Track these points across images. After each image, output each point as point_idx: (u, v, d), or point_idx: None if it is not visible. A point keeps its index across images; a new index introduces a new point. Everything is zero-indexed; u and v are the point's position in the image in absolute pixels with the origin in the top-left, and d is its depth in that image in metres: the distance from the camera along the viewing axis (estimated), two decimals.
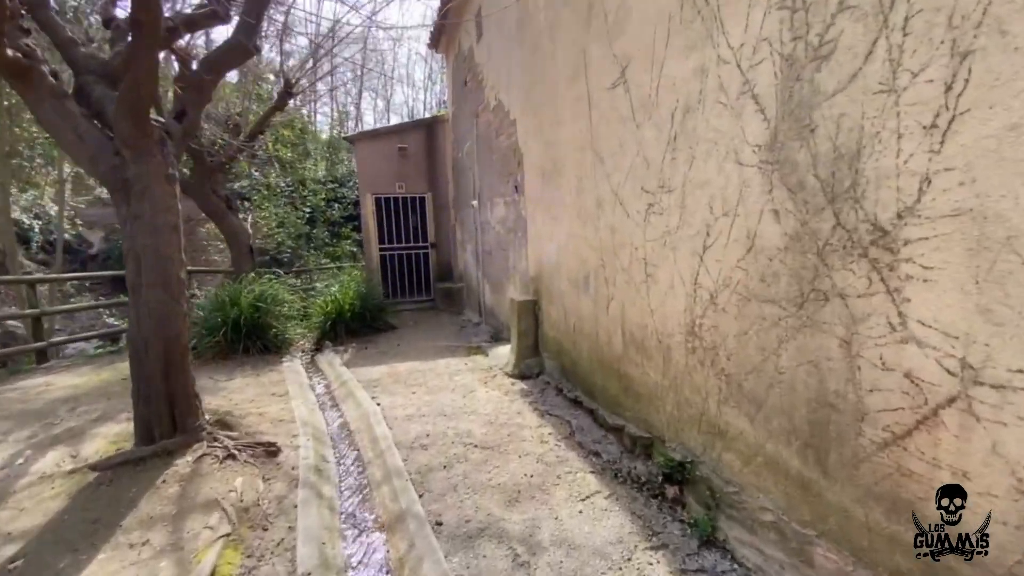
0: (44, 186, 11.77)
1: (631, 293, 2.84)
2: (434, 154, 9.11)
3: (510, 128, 5.05)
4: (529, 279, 4.74)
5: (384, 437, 3.39)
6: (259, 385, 4.80)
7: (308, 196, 12.74)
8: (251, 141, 6.90)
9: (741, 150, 1.95)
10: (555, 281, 4.05)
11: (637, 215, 2.73)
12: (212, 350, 5.68)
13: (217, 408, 4.03)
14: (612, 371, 3.14)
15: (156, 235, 3.18)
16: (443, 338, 6.52)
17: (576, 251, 3.58)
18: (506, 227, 5.52)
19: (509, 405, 3.87)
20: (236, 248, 6.70)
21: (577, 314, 3.64)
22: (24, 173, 9.71)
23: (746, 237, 1.95)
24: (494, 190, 5.93)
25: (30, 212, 14.46)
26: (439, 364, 5.21)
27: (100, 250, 16.59)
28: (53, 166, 10.46)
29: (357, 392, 4.38)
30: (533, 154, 4.38)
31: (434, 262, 9.36)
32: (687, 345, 2.36)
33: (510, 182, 5.18)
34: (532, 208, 4.51)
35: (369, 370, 5.16)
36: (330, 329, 6.62)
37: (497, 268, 6.10)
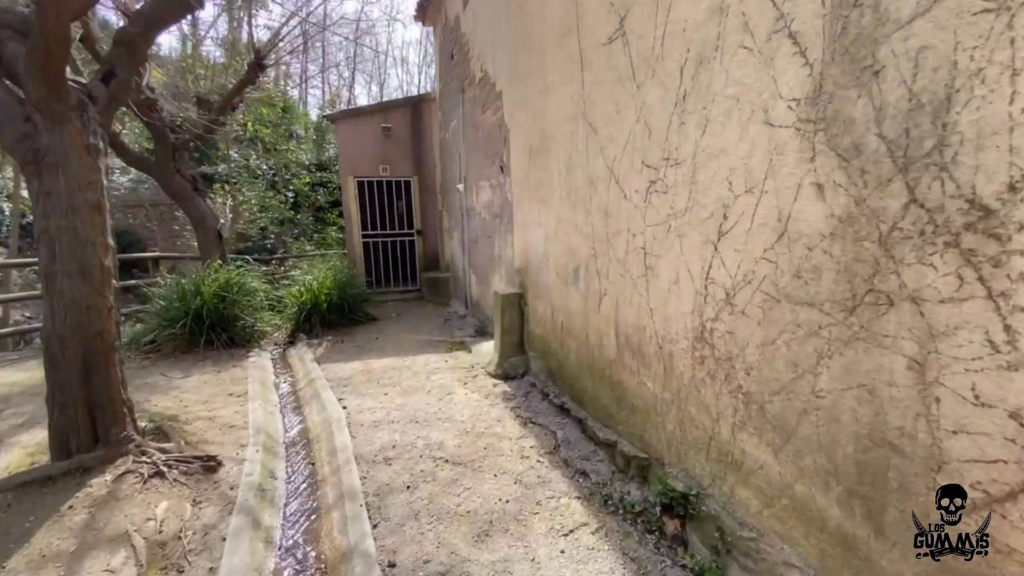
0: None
1: (627, 289, 2.42)
2: (421, 135, 8.59)
3: (496, 102, 4.57)
4: (515, 270, 4.31)
5: (344, 448, 2.98)
6: (218, 383, 4.37)
7: (291, 180, 12.18)
8: (219, 117, 6.37)
9: (772, 107, 1.51)
10: (542, 273, 3.62)
11: (636, 195, 2.29)
12: (172, 343, 5.24)
13: (162, 411, 3.60)
14: (604, 377, 2.72)
15: (74, 215, 2.71)
16: (425, 331, 6.09)
17: (565, 239, 3.14)
18: (492, 213, 5.06)
19: (489, 410, 3.46)
20: (203, 233, 6.21)
21: (565, 311, 3.21)
22: None
23: (776, 220, 1.52)
24: (480, 172, 5.46)
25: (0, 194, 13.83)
26: (417, 361, 4.78)
27: None
28: None
29: (323, 393, 3.96)
30: (520, 129, 3.92)
31: (420, 250, 8.89)
32: (694, 353, 1.94)
33: (496, 163, 4.71)
34: (519, 191, 4.06)
35: (341, 367, 4.73)
36: (305, 321, 6.17)
37: (483, 258, 5.66)
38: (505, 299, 4.07)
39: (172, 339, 5.24)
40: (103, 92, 2.91)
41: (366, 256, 8.65)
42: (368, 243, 8.67)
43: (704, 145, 1.82)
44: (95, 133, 2.82)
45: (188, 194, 6.02)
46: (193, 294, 5.33)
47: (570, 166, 2.99)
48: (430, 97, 8.61)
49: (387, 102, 9.06)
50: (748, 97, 1.60)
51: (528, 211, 3.85)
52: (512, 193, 4.23)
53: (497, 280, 5.02)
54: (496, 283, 5.05)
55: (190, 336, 5.27)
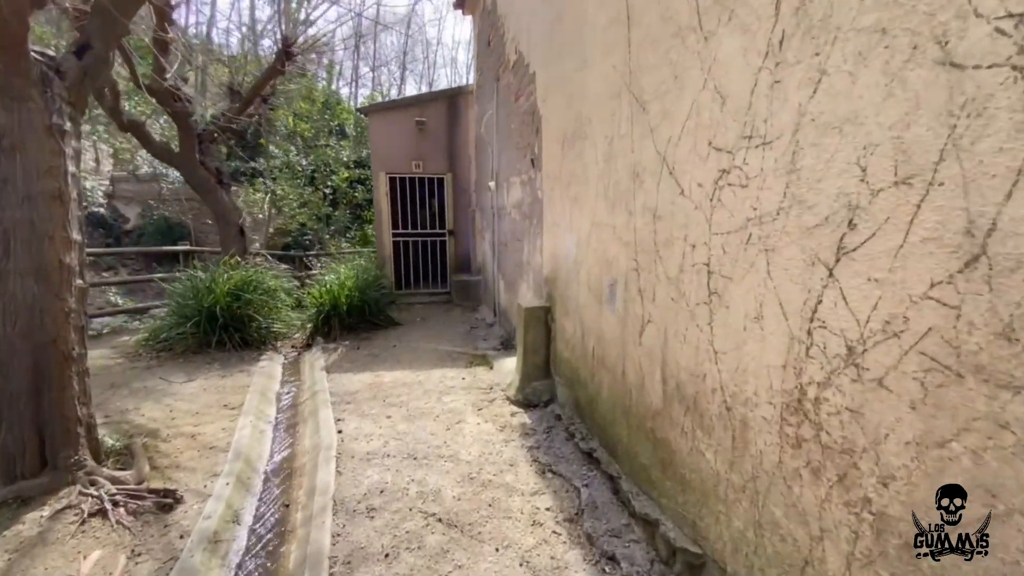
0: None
1: (680, 319, 1.78)
2: (456, 129, 8.14)
3: (529, 86, 3.99)
4: (543, 280, 3.71)
5: (324, 489, 2.49)
6: (218, 390, 4.04)
7: (330, 176, 12.08)
8: (249, 108, 6.14)
9: (958, 33, 0.86)
10: (572, 286, 3.01)
11: (698, 191, 1.66)
12: (183, 342, 5.00)
13: (144, 425, 3.27)
14: (643, 429, 2.09)
15: (30, 206, 2.37)
16: (447, 340, 5.60)
17: (600, 247, 2.52)
18: (521, 212, 4.49)
19: (501, 449, 2.88)
20: (225, 228, 6.01)
21: (598, 334, 2.59)
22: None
23: (963, 232, 0.86)
24: (512, 167, 4.90)
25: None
26: (432, 376, 4.28)
27: (135, 225, 16.72)
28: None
29: (321, 411, 3.52)
30: (553, 115, 3.32)
31: (451, 251, 8.44)
32: (785, 429, 1.29)
33: (527, 155, 4.14)
34: (549, 187, 3.46)
35: (350, 379, 4.31)
36: (323, 323, 5.83)
37: (511, 262, 5.10)
38: (529, 313, 3.48)
39: (183, 338, 5.01)
40: (74, 67, 2.56)
41: (396, 256, 8.30)
42: (398, 242, 8.31)
43: (815, 111, 1.17)
44: (60, 112, 2.47)
45: (211, 187, 5.81)
46: (207, 292, 5.08)
47: (610, 155, 2.37)
48: (467, 90, 8.14)
49: (422, 95, 8.67)
50: (906, 24, 0.95)
51: (559, 211, 3.25)
52: (542, 190, 3.64)
53: (525, 289, 4.45)
54: (523, 292, 4.48)
55: (202, 336, 5.02)
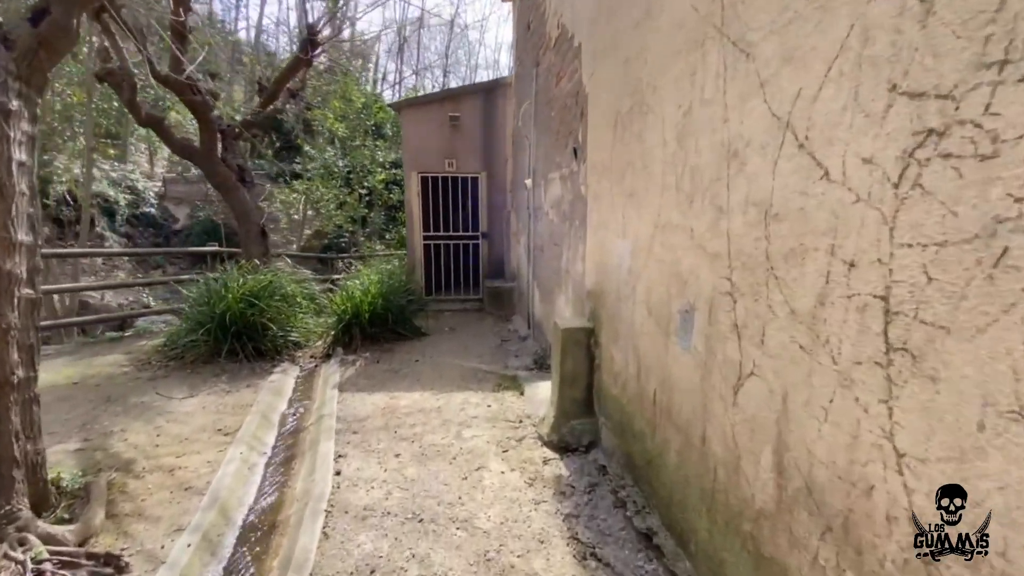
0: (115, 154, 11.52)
1: (818, 380, 1.10)
2: (492, 125, 7.59)
3: (573, 62, 3.36)
4: (585, 293, 3.06)
5: (301, 564, 1.95)
6: (217, 409, 3.62)
7: (366, 177, 11.84)
8: (270, 103, 5.82)
9: None
10: (624, 305, 2.35)
11: (864, 171, 0.97)
12: (194, 350, 4.66)
13: (119, 454, 2.86)
14: (736, 531, 1.41)
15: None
16: (475, 356, 5.02)
17: (668, 256, 1.86)
18: (560, 213, 3.85)
19: (530, 513, 2.26)
20: (246, 228, 5.69)
21: (661, 375, 1.92)
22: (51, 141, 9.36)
23: None
24: (550, 162, 4.27)
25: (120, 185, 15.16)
26: (454, 401, 3.70)
27: (184, 225, 17.24)
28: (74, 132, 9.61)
29: (322, 444, 3.01)
30: (601, 90, 2.68)
31: (484, 255, 7.89)
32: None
33: (568, 145, 3.50)
34: (596, 181, 2.81)
35: (363, 400, 3.80)
36: (343, 333, 5.39)
37: (548, 270, 4.46)
38: (568, 336, 2.84)
39: (195, 346, 4.68)
40: (26, 35, 2.15)
41: (426, 260, 7.83)
42: (429, 245, 7.84)
43: None
44: (5, 88, 2.05)
45: (232, 185, 5.50)
46: (220, 297, 4.72)
47: (684, 131, 1.71)
48: (504, 82, 7.57)
49: (456, 89, 8.18)
50: None
51: (608, 210, 2.60)
52: (586, 185, 3.00)
53: (563, 303, 3.80)
54: (561, 306, 3.84)
55: (214, 344, 4.67)
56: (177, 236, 17.03)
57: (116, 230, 14.45)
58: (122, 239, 14.71)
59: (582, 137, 3.09)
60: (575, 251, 3.37)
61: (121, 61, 4.79)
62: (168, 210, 17.41)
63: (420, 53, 27.02)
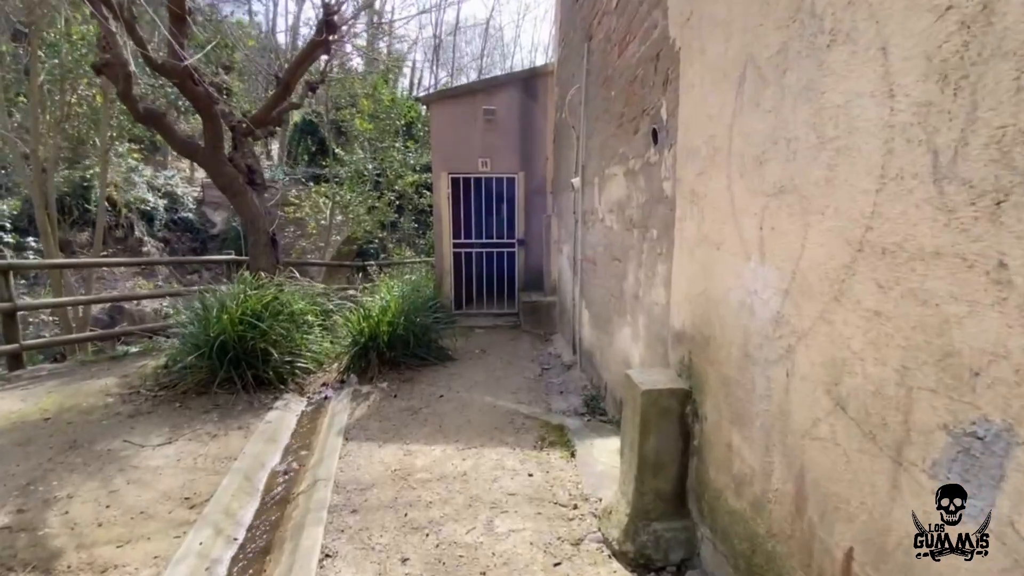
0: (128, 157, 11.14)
1: None
2: (531, 120, 6.76)
3: (650, 16, 2.47)
4: (672, 334, 2.15)
5: None
6: (194, 464, 2.93)
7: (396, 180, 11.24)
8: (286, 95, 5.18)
9: None
10: (763, 370, 1.44)
11: None
12: (189, 378, 4.02)
13: (45, 539, 2.17)
14: None
15: None
16: (510, 389, 4.17)
17: (905, 309, 0.95)
18: (624, 219, 2.95)
19: None
20: (253, 236, 5.06)
21: (874, 531, 1.01)
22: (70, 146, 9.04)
23: None
24: (608, 154, 3.39)
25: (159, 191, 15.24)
26: (484, 463, 2.86)
27: (221, 230, 17.25)
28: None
29: (306, 534, 2.22)
30: (710, 36, 1.78)
31: (521, 265, 7.05)
32: None
33: (640, 128, 2.61)
34: (692, 173, 1.91)
35: (371, 454, 3.02)
36: (359, 357, 4.66)
37: (603, 290, 3.56)
38: (652, 402, 1.93)
39: (190, 373, 4.04)
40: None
41: (456, 269, 7.06)
42: (460, 254, 7.08)
43: None
44: None
45: (239, 188, 4.88)
46: (217, 317, 4.07)
47: (948, 70, 0.80)
48: (544, 70, 6.73)
49: (490, 79, 7.41)
50: None
51: (719, 215, 1.69)
52: (676, 179, 2.10)
53: (627, 336, 2.89)
54: (624, 340, 2.93)
55: (209, 372, 4.02)
56: (214, 241, 17.05)
57: (154, 235, 14.51)
58: (159, 244, 14.77)
59: (666, 113, 2.20)
60: (651, 271, 2.47)
61: (113, 46, 4.22)
62: (206, 215, 17.50)
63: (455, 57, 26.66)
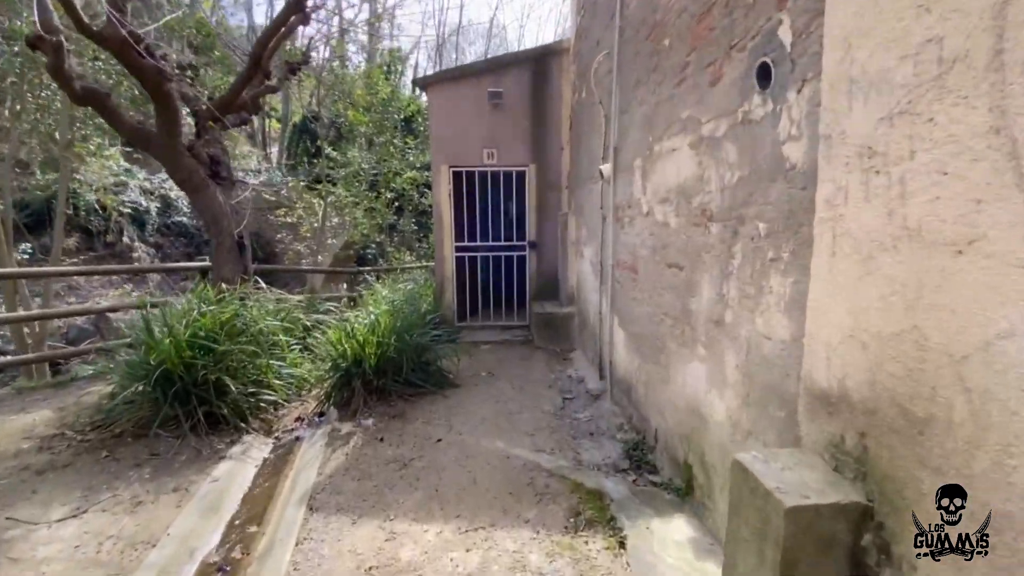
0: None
1: None
2: (543, 104, 5.93)
3: None
4: (814, 397, 1.30)
5: None
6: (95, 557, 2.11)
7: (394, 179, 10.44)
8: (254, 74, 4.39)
9: None
10: None
11: None
12: (126, 416, 3.21)
13: None
14: None
15: None
16: (526, 430, 3.32)
17: None
18: (692, 210, 2.11)
19: None
20: (217, 239, 4.26)
21: None
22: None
23: None
24: (658, 124, 2.55)
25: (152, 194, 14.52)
26: (497, 559, 2.01)
27: None
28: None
29: None
30: None
31: (533, 271, 6.20)
32: None
33: (726, 75, 1.77)
34: (871, 115, 1.07)
35: (339, 538, 2.18)
36: (341, 386, 3.84)
37: (650, 306, 2.71)
38: (801, 526, 1.09)
39: (127, 410, 3.23)
40: None
41: (459, 276, 6.23)
42: (463, 258, 6.24)
43: None
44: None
45: (199, 182, 4.08)
46: (155, 343, 3.26)
47: None
48: (559, 47, 5.90)
49: (497, 59, 6.56)
50: None
51: (949, 190, 0.84)
52: (824, 137, 1.25)
53: (700, 376, 2.04)
54: (695, 380, 2.08)
55: (152, 407, 3.21)
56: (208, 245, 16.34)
57: (146, 240, 13.79)
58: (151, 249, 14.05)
59: (792, 32, 1.36)
60: (753, 287, 1.62)
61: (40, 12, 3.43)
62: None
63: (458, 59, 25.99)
